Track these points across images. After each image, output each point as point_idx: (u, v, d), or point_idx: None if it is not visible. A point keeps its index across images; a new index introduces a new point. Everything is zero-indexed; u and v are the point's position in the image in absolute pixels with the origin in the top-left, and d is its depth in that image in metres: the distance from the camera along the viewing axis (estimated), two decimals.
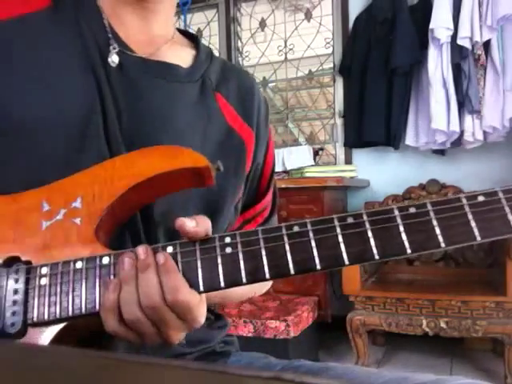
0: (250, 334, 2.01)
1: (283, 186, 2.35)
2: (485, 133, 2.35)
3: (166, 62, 0.65)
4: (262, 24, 3.13)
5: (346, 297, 2.16)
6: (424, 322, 2.02)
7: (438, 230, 0.42)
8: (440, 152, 2.54)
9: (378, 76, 2.51)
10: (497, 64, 2.27)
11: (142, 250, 0.45)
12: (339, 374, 0.62)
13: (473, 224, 0.42)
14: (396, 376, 0.59)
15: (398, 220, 0.43)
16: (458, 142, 2.41)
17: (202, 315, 0.46)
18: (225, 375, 0.18)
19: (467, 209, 0.42)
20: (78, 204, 0.50)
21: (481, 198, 0.43)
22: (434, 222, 0.42)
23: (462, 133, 2.36)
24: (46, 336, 0.46)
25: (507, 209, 0.42)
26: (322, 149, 2.93)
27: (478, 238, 0.42)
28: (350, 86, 2.71)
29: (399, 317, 2.07)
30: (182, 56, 0.69)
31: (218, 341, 0.69)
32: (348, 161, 2.82)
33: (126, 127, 0.58)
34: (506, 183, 0.45)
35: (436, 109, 2.32)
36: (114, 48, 0.62)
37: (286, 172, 2.65)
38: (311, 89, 3.23)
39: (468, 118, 2.33)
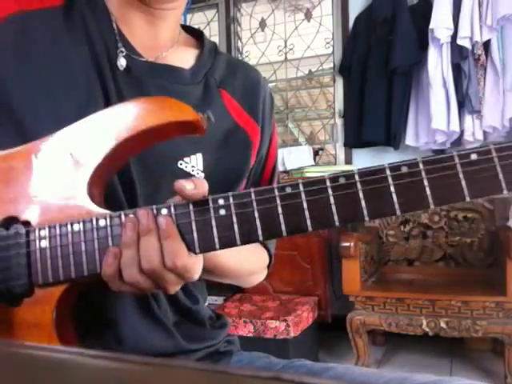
0: (250, 334, 2.01)
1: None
2: (485, 133, 2.36)
3: (170, 65, 0.66)
4: (262, 24, 3.13)
5: (346, 297, 2.16)
6: (424, 322, 2.02)
7: (428, 191, 0.42)
8: (440, 152, 2.54)
9: (378, 76, 2.51)
10: (497, 64, 2.27)
11: (143, 213, 0.46)
12: (340, 374, 0.63)
13: (463, 183, 0.42)
14: (396, 376, 0.59)
15: (390, 180, 0.43)
16: (458, 141, 2.41)
17: (198, 272, 0.48)
18: (225, 375, 0.18)
19: (459, 168, 0.42)
20: (68, 161, 0.49)
21: (474, 157, 0.42)
22: (425, 182, 0.42)
23: (462, 133, 2.36)
24: (53, 295, 0.47)
25: (498, 168, 0.41)
26: (321, 149, 2.93)
27: (467, 198, 0.42)
28: (350, 86, 2.71)
29: (399, 317, 2.07)
30: (186, 57, 0.70)
31: (221, 340, 0.70)
32: (348, 161, 2.82)
33: None
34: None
35: (436, 109, 2.32)
36: (122, 52, 0.62)
37: (286, 172, 2.65)
38: (311, 89, 3.24)
39: (468, 118, 2.33)
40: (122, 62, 0.62)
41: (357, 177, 0.44)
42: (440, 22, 2.28)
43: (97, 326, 0.57)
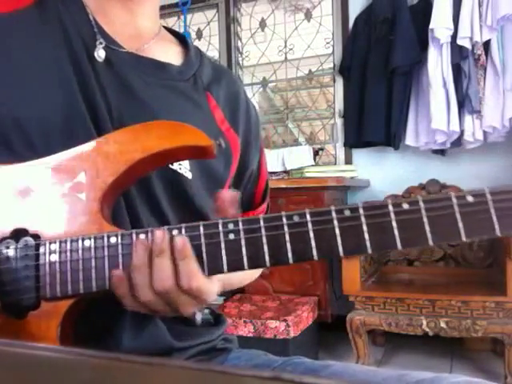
0: (250, 334, 2.01)
1: (283, 186, 2.35)
2: (485, 133, 2.35)
3: (155, 59, 0.65)
4: (262, 24, 3.13)
5: (346, 297, 2.16)
6: (424, 322, 2.02)
7: (427, 228, 0.44)
8: (440, 152, 2.54)
9: (378, 76, 2.51)
10: (497, 64, 2.27)
11: (159, 234, 0.46)
12: (339, 371, 0.63)
13: (460, 224, 0.44)
14: (394, 373, 0.60)
15: (392, 216, 0.45)
16: (458, 142, 2.41)
17: (213, 294, 0.48)
18: (225, 375, 0.18)
19: (456, 208, 0.44)
20: (81, 179, 0.50)
21: (469, 199, 0.44)
22: (425, 220, 0.44)
23: (462, 133, 2.36)
24: (59, 309, 0.47)
25: (492, 211, 0.43)
26: (321, 149, 2.93)
27: (463, 238, 0.44)
28: (350, 85, 2.71)
29: (399, 317, 2.07)
30: (170, 53, 0.69)
31: (217, 337, 0.69)
32: (348, 161, 2.82)
33: (117, 123, 0.58)
34: (506, 183, 0.46)
35: (436, 109, 2.32)
36: (101, 43, 0.61)
37: (286, 172, 2.65)
38: (311, 89, 3.24)
39: (468, 118, 2.33)
40: (100, 54, 0.60)
41: (361, 210, 0.45)
42: (440, 22, 2.28)
43: (94, 333, 0.56)
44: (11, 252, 0.47)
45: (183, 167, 0.61)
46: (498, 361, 2.10)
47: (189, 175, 0.62)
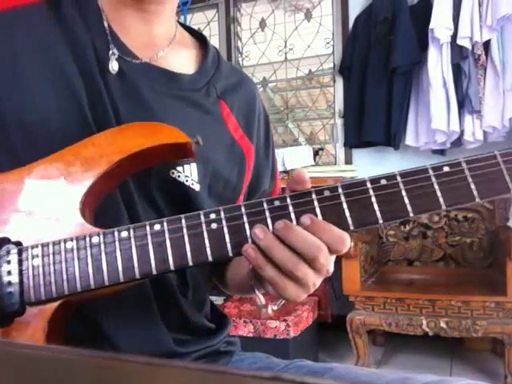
0: (250, 334, 2.01)
1: (283, 185, 2.34)
2: (485, 133, 2.35)
3: (168, 69, 0.63)
4: (262, 24, 3.13)
5: (346, 297, 2.16)
6: (424, 322, 2.02)
7: (406, 200, 0.45)
8: (440, 152, 2.54)
9: (378, 76, 2.51)
10: (497, 64, 2.27)
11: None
12: (341, 374, 0.63)
13: (438, 193, 0.45)
14: (398, 376, 0.59)
15: (371, 192, 0.46)
16: (458, 142, 2.41)
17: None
18: (225, 375, 0.18)
19: (433, 179, 0.45)
20: (61, 184, 0.50)
21: (446, 169, 0.46)
22: (403, 193, 0.45)
23: (462, 133, 2.36)
24: (45, 312, 0.47)
25: (470, 179, 0.45)
26: (321, 149, 2.93)
27: (443, 207, 0.45)
28: (350, 85, 2.71)
29: (399, 317, 2.07)
30: (185, 59, 0.67)
31: (221, 340, 0.69)
32: (348, 161, 2.82)
33: None
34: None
35: (436, 109, 2.32)
36: (114, 54, 0.59)
37: (286, 172, 2.65)
38: (311, 89, 3.24)
39: (468, 118, 2.33)
40: (114, 66, 0.58)
41: (340, 189, 0.46)
42: (440, 22, 2.28)
43: (91, 339, 0.56)
44: None
45: (190, 179, 0.60)
46: (498, 361, 2.10)
47: (196, 187, 0.60)
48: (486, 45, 2.29)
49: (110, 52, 0.59)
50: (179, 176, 0.59)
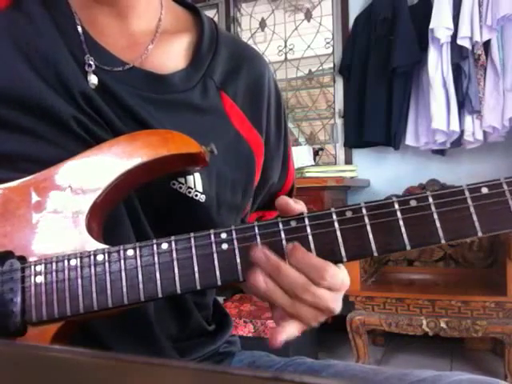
0: (250, 334, 2.01)
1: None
2: (485, 133, 2.35)
3: (154, 72, 0.57)
4: (262, 24, 3.13)
5: (346, 297, 2.16)
6: (424, 322, 2.02)
7: (438, 224, 0.40)
8: (440, 152, 2.54)
9: (378, 76, 2.51)
10: (497, 64, 2.27)
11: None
12: (340, 371, 0.62)
13: (474, 218, 0.40)
14: (396, 372, 0.59)
15: (398, 214, 0.41)
16: (458, 142, 2.41)
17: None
18: (225, 375, 0.18)
19: (470, 202, 0.40)
20: (67, 195, 0.48)
21: (484, 190, 0.40)
22: (435, 216, 0.40)
23: (462, 133, 2.36)
24: (46, 333, 0.45)
25: (511, 202, 0.39)
26: (322, 149, 2.93)
27: (480, 233, 0.39)
28: (350, 85, 2.71)
29: (399, 317, 2.07)
30: (175, 52, 0.61)
31: (222, 343, 0.68)
32: (348, 161, 2.82)
33: None
34: None
35: (436, 109, 2.32)
36: (90, 66, 0.54)
37: None
38: (311, 89, 3.23)
39: (468, 118, 2.33)
40: (93, 80, 0.53)
41: (364, 210, 0.42)
42: (440, 21, 2.28)
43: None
44: None
45: (194, 190, 0.55)
46: (498, 361, 2.10)
47: (201, 198, 0.55)
48: (486, 45, 2.29)
49: (86, 64, 0.54)
50: (181, 187, 0.54)
